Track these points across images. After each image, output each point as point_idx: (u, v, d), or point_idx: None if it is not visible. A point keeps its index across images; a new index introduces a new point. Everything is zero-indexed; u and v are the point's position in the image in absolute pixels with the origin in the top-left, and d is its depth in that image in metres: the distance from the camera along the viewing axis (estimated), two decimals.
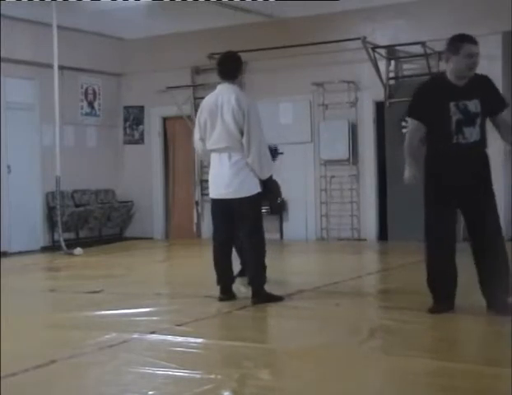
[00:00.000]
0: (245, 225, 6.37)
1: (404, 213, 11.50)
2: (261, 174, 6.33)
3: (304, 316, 5.91)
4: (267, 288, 6.45)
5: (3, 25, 11.23)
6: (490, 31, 10.99)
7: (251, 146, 6.22)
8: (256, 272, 6.40)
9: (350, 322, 5.70)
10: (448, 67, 5.58)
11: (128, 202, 13.78)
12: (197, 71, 13.21)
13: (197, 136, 6.58)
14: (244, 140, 6.22)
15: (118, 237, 13.66)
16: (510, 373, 3.91)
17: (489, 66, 11.12)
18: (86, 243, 12.11)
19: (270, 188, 6.57)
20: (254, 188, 6.35)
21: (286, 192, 12.07)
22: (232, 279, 6.60)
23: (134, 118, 13.97)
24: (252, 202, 6.33)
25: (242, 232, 6.45)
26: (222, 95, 6.35)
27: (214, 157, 6.43)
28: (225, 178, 6.32)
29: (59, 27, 11.24)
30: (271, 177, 6.51)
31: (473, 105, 5.47)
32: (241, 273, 7.16)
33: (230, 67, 6.46)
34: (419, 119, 5.64)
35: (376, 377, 4.19)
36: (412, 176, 5.63)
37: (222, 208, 6.43)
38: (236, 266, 6.96)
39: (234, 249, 6.84)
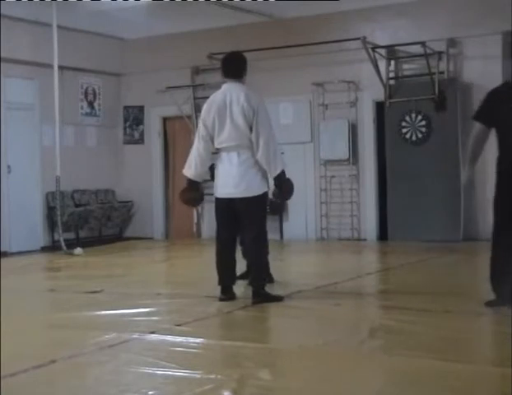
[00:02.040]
0: (251, 224, 6.33)
1: (404, 213, 11.52)
2: (270, 171, 6.29)
3: (304, 316, 5.91)
4: (268, 288, 6.45)
5: (3, 25, 11.24)
6: (490, 31, 11.00)
7: (259, 142, 6.18)
8: (257, 273, 6.39)
9: (350, 322, 5.71)
10: None
11: (128, 202, 13.78)
12: (197, 71, 13.21)
13: (201, 133, 6.44)
14: (253, 137, 6.20)
15: (118, 237, 13.66)
16: (510, 373, 3.91)
17: (489, 66, 11.18)
18: (86, 243, 12.11)
19: (282, 187, 6.46)
20: (262, 188, 6.34)
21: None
22: (234, 280, 6.55)
23: (134, 118, 13.97)
24: (259, 202, 6.31)
25: (247, 231, 6.40)
26: (231, 94, 6.32)
27: (222, 156, 6.39)
28: (234, 178, 6.29)
29: (59, 27, 11.24)
30: (284, 175, 6.36)
31: None
32: (244, 275, 7.07)
33: (235, 66, 6.46)
34: (485, 123, 5.65)
35: (376, 377, 4.18)
36: (468, 179, 5.87)
37: (228, 207, 6.39)
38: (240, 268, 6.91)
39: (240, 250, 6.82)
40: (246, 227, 6.38)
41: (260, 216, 6.38)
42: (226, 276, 6.48)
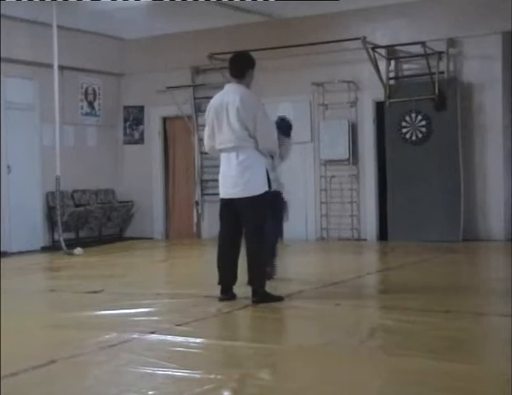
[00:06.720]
0: (250, 224, 6.35)
1: (404, 213, 11.52)
2: (262, 146, 6.32)
3: (304, 316, 5.90)
4: (268, 288, 6.45)
5: (3, 25, 11.24)
6: (490, 31, 11.00)
7: (258, 137, 6.25)
8: (257, 272, 6.39)
9: (350, 322, 5.70)
10: None
11: (128, 202, 13.78)
12: (197, 71, 13.22)
13: (206, 133, 6.59)
14: (254, 134, 6.25)
15: (118, 237, 13.66)
16: (510, 373, 3.91)
17: (489, 66, 11.19)
18: (86, 243, 12.12)
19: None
20: (261, 188, 6.35)
21: (286, 193, 12.05)
22: (234, 280, 6.54)
23: (134, 118, 13.97)
24: (258, 202, 6.32)
25: (246, 231, 6.42)
26: (228, 96, 6.36)
27: (222, 157, 6.46)
28: (233, 178, 6.33)
29: (59, 27, 11.25)
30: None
31: None
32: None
33: (236, 66, 6.49)
34: None
35: (376, 377, 4.18)
36: None
37: (229, 208, 6.43)
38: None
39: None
40: (246, 226, 6.40)
41: (260, 216, 6.38)
42: (227, 276, 6.49)
